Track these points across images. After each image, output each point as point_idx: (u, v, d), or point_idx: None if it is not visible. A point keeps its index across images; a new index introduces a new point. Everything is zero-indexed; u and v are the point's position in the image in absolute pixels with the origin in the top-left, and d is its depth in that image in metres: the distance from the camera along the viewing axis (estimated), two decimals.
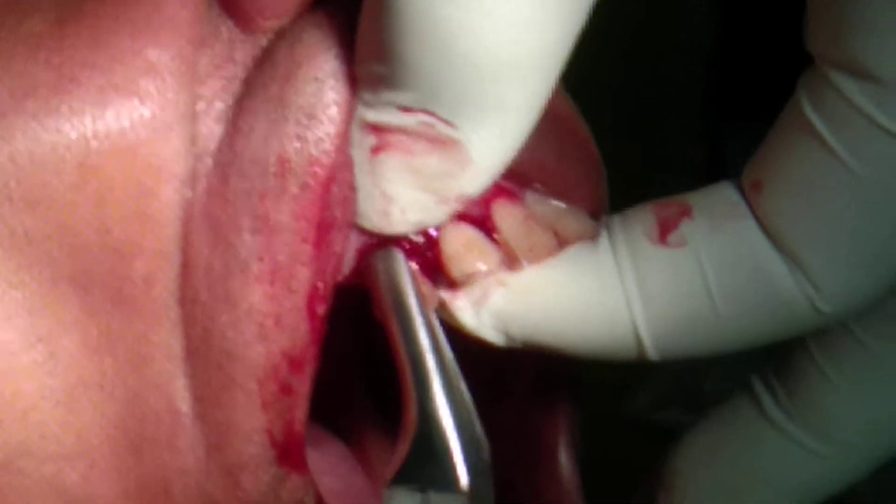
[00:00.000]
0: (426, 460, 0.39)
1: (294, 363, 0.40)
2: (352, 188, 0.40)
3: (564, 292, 0.42)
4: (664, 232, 0.41)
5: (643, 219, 0.42)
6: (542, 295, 0.42)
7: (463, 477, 0.38)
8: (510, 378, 0.48)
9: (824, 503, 0.46)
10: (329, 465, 0.45)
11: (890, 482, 0.52)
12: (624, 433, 0.65)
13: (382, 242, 0.42)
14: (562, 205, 0.44)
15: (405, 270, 0.41)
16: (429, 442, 0.39)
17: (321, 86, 0.39)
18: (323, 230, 0.39)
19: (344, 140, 0.39)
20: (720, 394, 0.47)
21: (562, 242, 0.43)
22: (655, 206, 0.42)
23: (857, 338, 0.43)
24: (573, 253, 0.42)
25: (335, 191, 0.39)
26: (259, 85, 0.39)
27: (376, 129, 0.39)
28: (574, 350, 0.42)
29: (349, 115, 0.39)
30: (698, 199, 0.41)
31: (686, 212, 0.41)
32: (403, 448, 0.39)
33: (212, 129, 0.40)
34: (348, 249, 0.41)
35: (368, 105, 0.39)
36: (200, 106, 0.39)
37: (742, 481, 0.45)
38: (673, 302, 0.40)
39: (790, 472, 0.44)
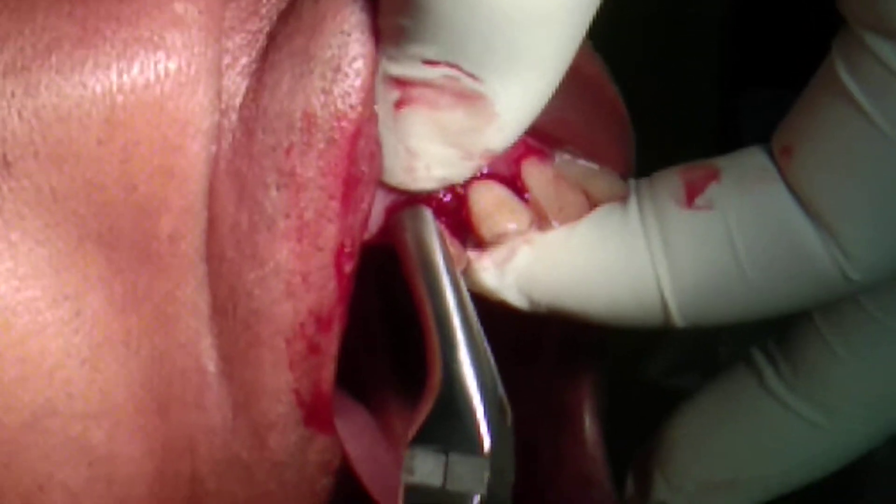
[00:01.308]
0: (449, 421, 0.38)
1: (321, 322, 0.39)
2: (378, 143, 0.40)
3: (590, 254, 0.41)
4: (691, 195, 0.40)
5: (670, 182, 0.41)
6: (567, 256, 0.41)
7: (486, 440, 0.38)
8: (535, 344, 0.48)
9: (842, 470, 0.45)
10: (353, 432, 0.44)
11: None
12: (641, 398, 0.65)
13: (410, 200, 0.41)
14: (592, 165, 0.44)
15: (433, 228, 0.41)
16: (452, 403, 0.38)
17: (346, 39, 0.39)
18: (350, 186, 0.39)
19: (370, 94, 0.39)
20: (734, 357, 0.46)
21: (592, 203, 0.43)
22: (682, 169, 0.41)
23: (867, 311, 0.42)
24: (601, 214, 0.42)
25: (362, 145, 0.39)
26: (284, 39, 0.39)
27: (400, 82, 0.39)
28: (597, 316, 0.41)
29: (375, 69, 0.39)
30: (727, 163, 0.41)
31: (714, 175, 0.40)
32: (426, 408, 0.38)
33: (237, 83, 0.39)
34: (375, 207, 0.41)
35: (392, 59, 0.39)
36: (226, 60, 0.39)
37: (742, 454, 0.45)
38: (700, 266, 0.40)
39: (791, 445, 0.44)
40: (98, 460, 0.39)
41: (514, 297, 0.42)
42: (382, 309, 0.50)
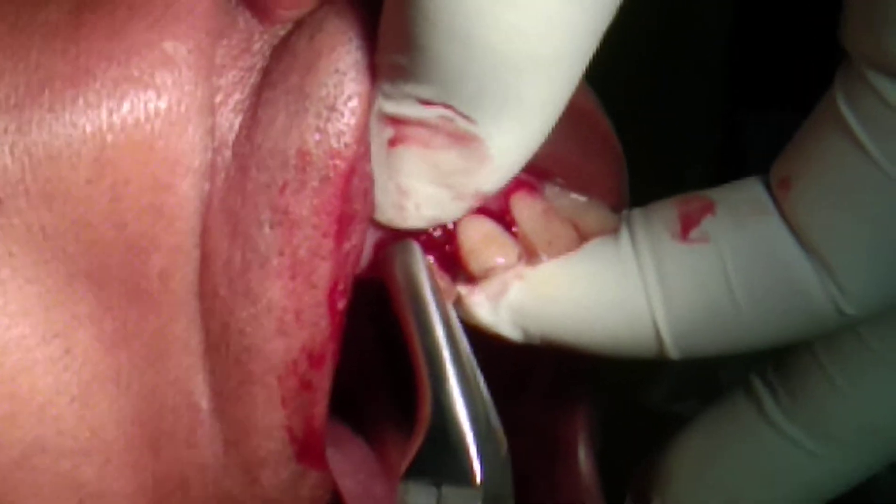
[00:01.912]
0: (441, 454, 0.38)
1: (314, 359, 0.39)
2: (371, 180, 0.40)
3: (583, 287, 0.41)
4: (686, 228, 0.40)
5: (665, 214, 0.41)
6: (560, 289, 0.41)
7: (478, 471, 0.38)
8: (529, 374, 0.48)
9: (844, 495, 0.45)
10: (351, 467, 0.44)
11: None
12: (641, 423, 0.65)
13: (399, 235, 0.41)
14: (582, 198, 0.44)
15: (421, 262, 0.41)
16: (443, 435, 0.38)
17: (342, 77, 0.39)
18: (343, 224, 0.39)
19: (364, 132, 0.39)
20: (735, 383, 0.46)
21: (582, 236, 0.43)
22: (677, 201, 0.41)
23: (865, 342, 0.42)
24: (593, 247, 0.42)
25: (355, 183, 0.39)
26: (278, 76, 0.39)
27: (395, 121, 0.39)
28: (592, 347, 0.41)
29: (369, 107, 0.39)
30: (722, 195, 0.41)
31: (709, 208, 0.40)
32: (418, 441, 0.39)
33: (230, 120, 0.39)
34: (366, 242, 0.41)
35: (388, 97, 0.39)
36: (218, 97, 0.39)
37: (740, 482, 0.44)
38: (694, 299, 0.40)
39: (790, 473, 0.44)
40: (89, 497, 0.39)
41: (509, 330, 0.42)
42: (378, 340, 0.50)
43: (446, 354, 0.39)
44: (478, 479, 0.38)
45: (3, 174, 0.37)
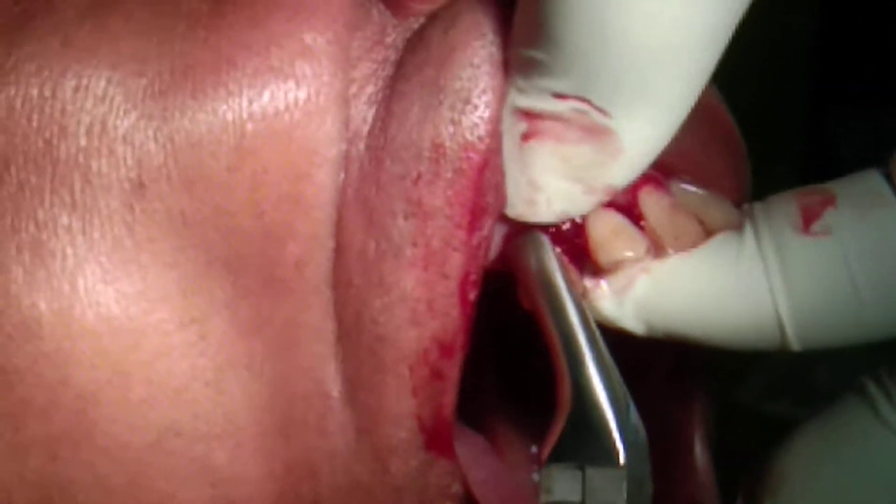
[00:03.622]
0: (582, 437, 0.39)
1: (445, 348, 0.40)
2: (503, 174, 0.40)
3: (708, 281, 0.41)
4: (808, 221, 0.40)
5: (786, 208, 0.41)
6: (685, 284, 0.41)
7: (621, 451, 0.39)
8: (646, 367, 0.48)
9: None
10: (474, 456, 0.45)
11: None
12: (735, 422, 0.65)
13: (528, 229, 0.42)
14: (708, 194, 0.44)
15: (552, 252, 0.41)
16: (584, 418, 0.39)
17: (476, 71, 0.39)
18: (476, 216, 0.39)
19: (497, 126, 0.39)
20: (831, 389, 0.46)
21: (708, 231, 0.43)
22: (798, 194, 0.41)
23: None
24: (717, 242, 0.42)
25: (488, 176, 0.39)
26: (413, 68, 0.39)
27: (528, 115, 0.39)
28: (716, 341, 0.41)
29: (503, 101, 0.39)
30: (842, 188, 0.41)
31: (830, 200, 0.40)
32: (559, 426, 0.39)
33: (364, 112, 0.40)
34: (495, 236, 0.41)
35: (521, 91, 0.39)
36: (353, 89, 0.39)
37: (857, 488, 0.44)
38: (817, 292, 0.40)
39: None
40: (220, 481, 0.40)
41: (633, 324, 0.42)
42: (492, 337, 0.50)
43: (582, 339, 0.40)
44: (622, 460, 0.38)
45: (147, 159, 0.38)
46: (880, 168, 0.41)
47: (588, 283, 0.42)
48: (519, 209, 0.41)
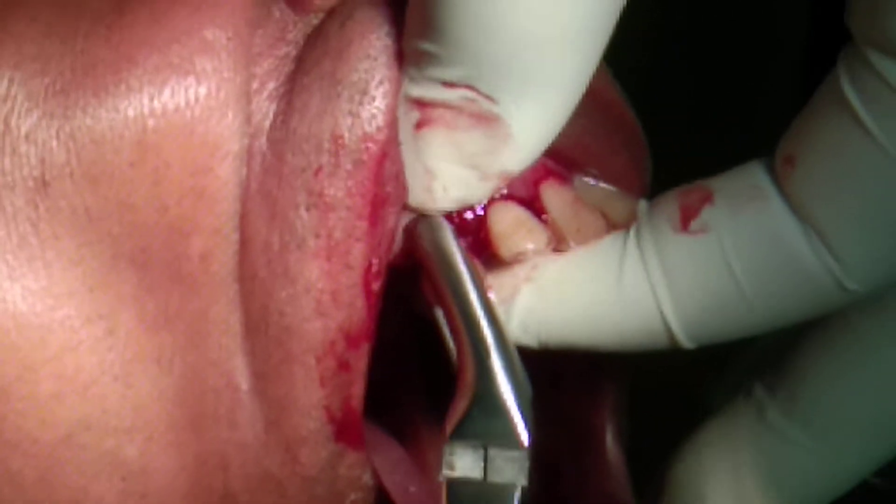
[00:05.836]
0: (485, 417, 0.39)
1: (351, 339, 0.40)
2: (402, 164, 0.41)
3: (591, 287, 0.42)
4: (686, 219, 0.41)
5: (667, 207, 0.42)
6: (568, 290, 0.42)
7: (523, 433, 0.39)
8: (558, 365, 0.49)
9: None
10: (391, 465, 0.45)
11: None
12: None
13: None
14: (611, 188, 0.44)
15: (450, 233, 0.41)
16: (487, 398, 0.39)
17: (373, 63, 0.40)
18: (377, 206, 0.40)
19: (395, 116, 0.40)
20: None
21: (610, 225, 0.43)
22: (679, 193, 0.42)
23: (861, 337, 0.43)
24: (600, 246, 0.42)
25: (388, 166, 0.40)
26: (311, 62, 0.40)
27: (420, 104, 0.40)
28: (605, 346, 0.42)
29: (398, 92, 0.40)
30: (720, 184, 0.41)
31: (707, 198, 0.41)
32: (461, 405, 0.39)
33: (266, 107, 0.40)
34: (399, 228, 0.42)
35: (413, 80, 0.40)
36: (254, 85, 0.40)
37: (749, 490, 0.45)
38: (699, 289, 0.40)
39: (796, 476, 0.44)
40: (131, 475, 0.40)
41: (522, 336, 0.42)
42: (412, 343, 0.51)
43: (484, 319, 0.40)
44: (524, 441, 0.39)
45: (49, 157, 0.38)
46: (764, 160, 0.41)
47: None
48: (418, 197, 0.41)
